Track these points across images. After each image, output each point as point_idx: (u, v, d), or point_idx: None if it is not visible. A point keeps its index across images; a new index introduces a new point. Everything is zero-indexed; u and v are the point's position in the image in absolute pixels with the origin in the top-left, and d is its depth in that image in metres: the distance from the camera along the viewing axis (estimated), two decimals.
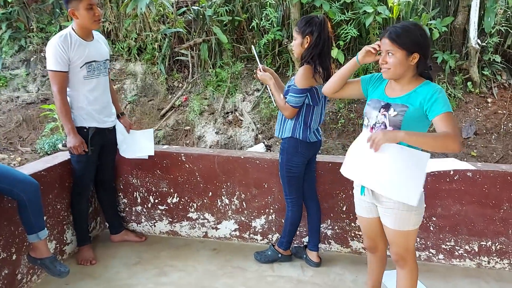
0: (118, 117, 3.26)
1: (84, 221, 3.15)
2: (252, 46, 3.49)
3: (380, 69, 2.11)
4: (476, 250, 3.06)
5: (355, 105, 5.37)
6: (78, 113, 2.93)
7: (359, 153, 2.11)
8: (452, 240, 3.08)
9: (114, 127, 3.16)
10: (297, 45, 2.76)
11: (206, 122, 5.88)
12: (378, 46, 2.13)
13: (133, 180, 3.47)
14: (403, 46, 1.98)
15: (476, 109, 5.15)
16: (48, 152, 5.24)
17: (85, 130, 2.94)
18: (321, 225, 3.18)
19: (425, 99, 2.01)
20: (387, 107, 2.10)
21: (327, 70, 2.73)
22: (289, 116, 2.78)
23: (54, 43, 2.78)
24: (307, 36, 2.68)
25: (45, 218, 2.79)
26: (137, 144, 3.29)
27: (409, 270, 2.21)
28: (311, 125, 2.82)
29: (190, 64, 6.38)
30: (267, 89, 2.90)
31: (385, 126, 2.10)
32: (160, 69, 6.45)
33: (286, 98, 2.77)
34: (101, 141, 3.05)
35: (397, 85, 2.12)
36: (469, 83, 5.28)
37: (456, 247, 3.09)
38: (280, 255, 3.10)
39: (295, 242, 3.30)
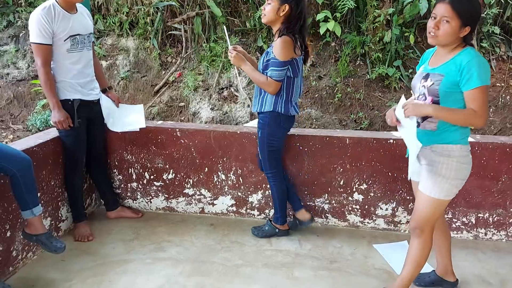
0: (105, 91, 3.18)
1: (79, 197, 3.11)
2: (224, 26, 3.34)
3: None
4: (474, 222, 3.06)
5: (352, 79, 5.31)
6: (62, 86, 2.86)
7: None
8: (450, 212, 3.08)
9: (98, 100, 3.09)
10: (272, 10, 2.65)
11: (200, 98, 5.80)
12: None
13: (128, 156, 3.42)
14: (462, 16, 1.93)
15: None
16: (40, 129, 5.17)
17: (69, 102, 2.88)
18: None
19: (461, 69, 1.99)
20: (426, 77, 2.11)
21: (304, 43, 2.76)
22: (273, 92, 2.73)
23: (37, 14, 2.69)
24: (286, 5, 2.61)
25: (39, 194, 2.75)
26: (127, 118, 3.23)
27: (423, 241, 2.20)
28: (293, 98, 2.82)
29: (183, 38, 6.25)
30: (239, 71, 2.81)
31: (425, 97, 2.11)
32: (153, 44, 6.32)
33: (266, 74, 2.72)
34: (87, 114, 2.99)
35: (439, 55, 2.11)
36: None
37: (454, 219, 3.09)
38: (277, 230, 3.09)
39: (290, 217, 3.30)
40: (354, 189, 3.17)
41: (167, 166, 3.39)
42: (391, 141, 3.03)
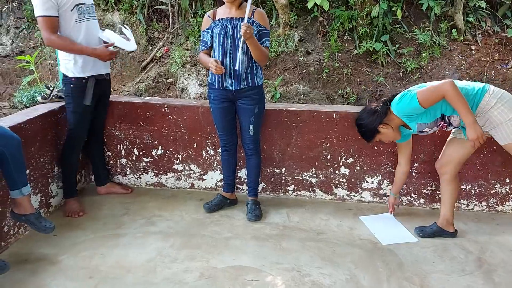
0: None
1: (73, 174, 3.15)
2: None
3: None
4: None
5: (340, 54, 5.31)
6: (75, 63, 2.88)
7: None
8: (434, 185, 3.16)
9: (109, 74, 3.14)
10: None
11: (188, 74, 5.76)
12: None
13: (117, 133, 3.43)
14: None
15: (460, 57, 5.14)
16: (27, 106, 5.10)
17: (83, 80, 2.91)
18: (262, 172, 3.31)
19: None
20: None
21: None
22: (266, 62, 2.86)
23: None
24: None
25: (28, 171, 2.77)
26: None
27: None
28: None
29: (170, 13, 6.15)
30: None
31: None
32: (139, 19, 6.22)
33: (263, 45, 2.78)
34: (99, 92, 3.03)
35: None
36: (453, 31, 5.23)
37: (437, 192, 3.17)
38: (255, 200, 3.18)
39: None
40: (341, 163, 3.23)
41: (156, 142, 3.41)
42: None
